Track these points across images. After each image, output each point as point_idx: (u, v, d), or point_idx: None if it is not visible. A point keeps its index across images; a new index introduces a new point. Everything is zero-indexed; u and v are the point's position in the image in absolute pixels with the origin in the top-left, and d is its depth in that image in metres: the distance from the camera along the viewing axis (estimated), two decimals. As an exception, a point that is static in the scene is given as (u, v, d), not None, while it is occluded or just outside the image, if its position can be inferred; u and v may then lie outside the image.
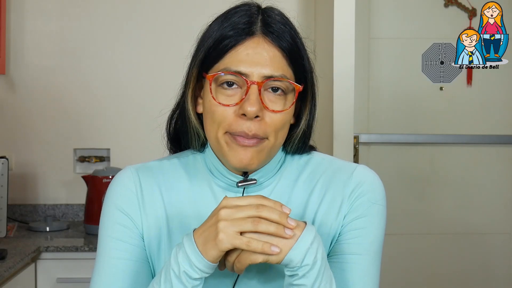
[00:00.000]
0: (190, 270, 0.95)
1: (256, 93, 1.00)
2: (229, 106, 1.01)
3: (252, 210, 0.93)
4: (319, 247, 0.96)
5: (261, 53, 1.02)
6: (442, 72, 2.89)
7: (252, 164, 1.03)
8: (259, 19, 1.04)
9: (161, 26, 2.83)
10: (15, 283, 2.13)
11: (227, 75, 1.01)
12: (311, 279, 0.95)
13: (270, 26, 1.04)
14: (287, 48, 1.04)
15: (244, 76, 1.01)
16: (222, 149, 1.04)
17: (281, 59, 1.03)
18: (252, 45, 1.02)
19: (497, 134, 2.91)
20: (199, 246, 0.95)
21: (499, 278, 2.95)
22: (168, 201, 1.10)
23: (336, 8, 2.50)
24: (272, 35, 1.03)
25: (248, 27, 1.03)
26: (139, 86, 2.83)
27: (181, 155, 1.15)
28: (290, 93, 1.04)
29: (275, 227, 0.93)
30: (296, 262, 0.94)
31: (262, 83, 1.00)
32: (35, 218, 2.80)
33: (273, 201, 0.95)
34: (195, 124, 1.09)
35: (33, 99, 2.81)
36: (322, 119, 2.71)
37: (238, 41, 1.02)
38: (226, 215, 0.94)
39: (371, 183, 1.09)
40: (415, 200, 2.92)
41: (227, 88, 1.02)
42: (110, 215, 1.10)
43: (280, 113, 1.02)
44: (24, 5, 2.80)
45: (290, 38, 1.05)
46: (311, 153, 1.15)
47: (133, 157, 2.76)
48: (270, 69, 1.01)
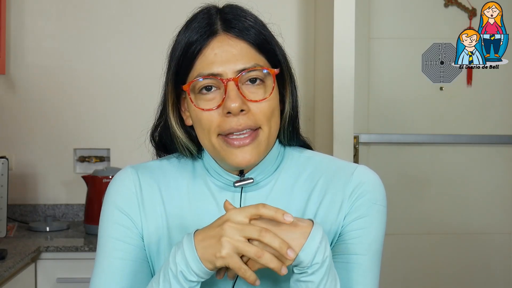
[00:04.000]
0: (187, 272, 0.95)
1: (235, 89, 1.01)
2: (213, 109, 1.02)
3: (256, 232, 0.93)
4: (327, 244, 0.96)
5: (229, 50, 1.03)
6: (442, 72, 2.89)
7: (253, 161, 1.04)
8: (218, 18, 1.06)
9: (161, 26, 2.83)
10: (15, 283, 2.13)
11: (203, 80, 1.02)
12: (319, 276, 0.95)
13: (230, 21, 1.05)
14: (252, 38, 1.04)
15: (218, 76, 1.02)
16: (220, 154, 1.04)
17: (250, 50, 1.04)
18: (218, 44, 1.03)
19: (497, 134, 2.91)
20: (198, 251, 0.95)
21: (499, 278, 2.95)
22: (168, 200, 1.10)
23: (336, 8, 2.50)
24: (234, 30, 1.04)
25: (209, 28, 1.04)
26: (140, 86, 2.83)
27: (180, 155, 1.15)
28: (268, 80, 1.05)
29: (276, 263, 0.93)
30: (307, 262, 0.95)
31: (237, 78, 1.01)
32: (35, 218, 2.80)
33: (275, 209, 0.94)
34: (183, 139, 1.10)
35: (33, 99, 2.81)
36: (322, 119, 2.72)
37: (203, 44, 1.03)
38: (230, 232, 0.93)
39: (371, 183, 1.09)
40: (415, 200, 2.92)
41: (206, 93, 1.03)
42: (109, 215, 1.10)
43: (264, 101, 1.03)
44: (24, 5, 2.80)
45: (252, 29, 1.05)
46: (309, 151, 1.15)
47: (133, 157, 2.74)
48: (241, 62, 1.02)
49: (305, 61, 2.87)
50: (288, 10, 2.86)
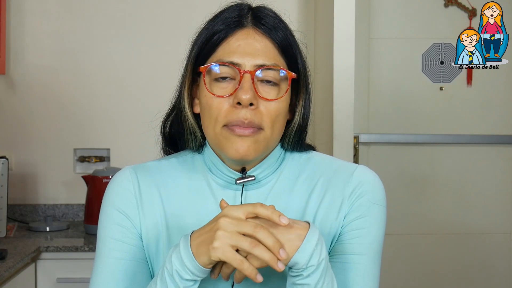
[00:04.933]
0: (181, 270, 0.95)
1: (249, 82, 1.01)
2: (224, 97, 1.03)
3: (251, 228, 0.93)
4: (323, 247, 0.96)
5: (253, 44, 1.04)
6: (442, 72, 2.89)
7: (248, 154, 1.03)
8: (250, 13, 1.07)
9: (161, 26, 2.83)
10: (15, 283, 2.13)
11: (220, 66, 1.03)
12: (315, 279, 0.95)
13: (261, 18, 1.06)
14: (278, 39, 1.05)
15: (237, 66, 1.02)
16: (220, 143, 1.04)
17: (273, 49, 1.05)
18: (243, 36, 1.04)
19: (497, 134, 2.91)
20: (192, 248, 0.95)
21: (499, 278, 2.95)
22: (167, 200, 1.10)
23: (336, 8, 2.50)
24: (263, 27, 1.05)
25: (238, 20, 1.05)
26: (139, 86, 2.83)
27: (179, 155, 1.16)
28: (283, 83, 1.05)
29: (269, 257, 0.92)
30: (302, 264, 0.94)
31: (254, 71, 1.02)
32: (35, 218, 2.80)
33: (272, 210, 0.94)
34: (192, 123, 1.10)
35: (33, 99, 2.81)
36: (322, 119, 2.72)
37: (229, 33, 1.04)
38: (225, 225, 0.93)
39: (371, 184, 1.09)
40: (415, 200, 2.91)
41: (221, 81, 1.04)
42: (108, 215, 1.10)
43: (275, 102, 1.03)
44: (24, 5, 2.80)
45: (281, 30, 1.06)
46: (310, 152, 1.16)
47: (133, 157, 2.75)
48: (262, 58, 1.03)
49: (305, 61, 2.86)
50: (288, 10, 2.85)
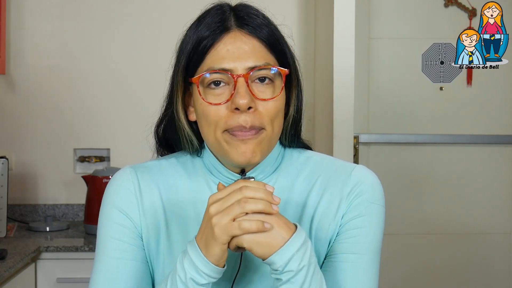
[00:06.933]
0: (197, 276, 0.95)
1: (244, 85, 1.01)
2: (221, 104, 1.02)
3: (237, 195, 0.94)
4: (307, 253, 0.95)
5: (241, 46, 1.03)
6: (442, 72, 2.89)
7: (255, 156, 1.03)
8: (232, 15, 1.06)
9: (161, 26, 2.83)
10: (15, 283, 2.13)
11: (212, 74, 1.02)
12: (297, 285, 0.95)
13: (244, 19, 1.05)
14: (265, 36, 1.05)
15: (229, 71, 1.02)
16: (223, 149, 1.04)
17: (262, 49, 1.04)
18: (230, 40, 1.03)
19: (497, 134, 2.91)
20: (202, 250, 0.95)
21: (499, 278, 2.95)
22: (167, 200, 1.10)
23: (336, 8, 2.50)
24: (248, 27, 1.04)
25: (222, 24, 1.04)
26: (140, 86, 2.83)
27: (179, 155, 1.16)
28: (277, 80, 1.05)
29: (262, 204, 0.94)
30: (278, 266, 0.94)
31: (247, 74, 1.01)
32: (35, 218, 2.80)
33: (256, 182, 0.96)
34: (188, 131, 1.10)
35: (33, 99, 2.81)
36: (322, 119, 2.72)
37: (216, 39, 1.03)
38: (215, 210, 0.94)
39: (369, 183, 1.09)
40: (415, 200, 2.91)
41: (214, 88, 1.03)
42: (108, 214, 1.10)
43: (272, 101, 1.03)
44: (24, 5, 2.80)
45: (265, 27, 1.06)
46: (308, 151, 1.16)
47: (133, 157, 2.74)
48: (253, 60, 1.02)
49: (305, 61, 2.86)
50: (288, 10, 2.85)
